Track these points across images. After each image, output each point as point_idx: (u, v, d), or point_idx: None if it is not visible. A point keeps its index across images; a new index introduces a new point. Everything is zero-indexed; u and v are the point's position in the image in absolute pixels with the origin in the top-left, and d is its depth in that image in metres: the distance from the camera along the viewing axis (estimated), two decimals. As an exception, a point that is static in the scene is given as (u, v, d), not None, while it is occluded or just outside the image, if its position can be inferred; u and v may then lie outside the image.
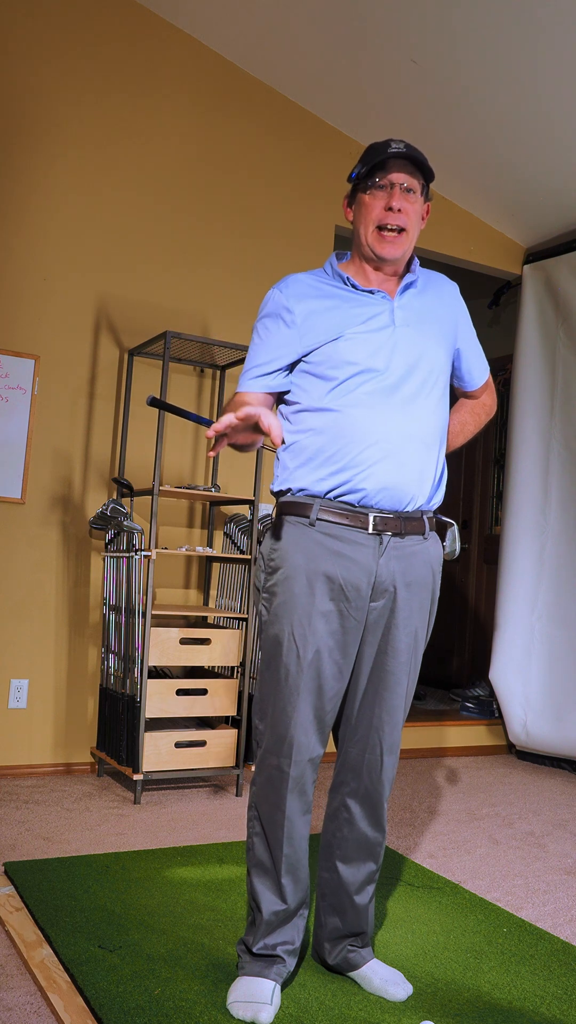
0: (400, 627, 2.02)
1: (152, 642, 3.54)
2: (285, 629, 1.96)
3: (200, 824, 3.30)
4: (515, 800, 4.00)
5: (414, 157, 1.94)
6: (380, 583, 1.98)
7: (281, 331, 2.00)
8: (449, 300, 2.12)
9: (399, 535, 1.98)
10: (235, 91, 4.35)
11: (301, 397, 2.02)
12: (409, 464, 1.96)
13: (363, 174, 1.97)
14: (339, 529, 1.96)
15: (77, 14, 4.00)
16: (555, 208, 4.68)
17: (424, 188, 2.01)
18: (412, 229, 1.99)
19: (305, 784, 1.99)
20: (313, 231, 4.48)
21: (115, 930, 2.28)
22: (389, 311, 2.00)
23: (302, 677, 1.95)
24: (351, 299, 2.01)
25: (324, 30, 3.88)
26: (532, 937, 2.46)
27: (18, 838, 3.01)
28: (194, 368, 4.23)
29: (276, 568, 2.00)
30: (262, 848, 2.01)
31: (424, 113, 4.21)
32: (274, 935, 2.00)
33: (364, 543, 1.96)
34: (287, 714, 1.96)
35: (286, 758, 1.96)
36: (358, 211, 2.01)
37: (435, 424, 2.01)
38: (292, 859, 2.00)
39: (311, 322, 1.98)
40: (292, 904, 2.01)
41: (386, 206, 1.95)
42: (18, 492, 3.82)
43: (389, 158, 1.94)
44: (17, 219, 3.88)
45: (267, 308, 2.03)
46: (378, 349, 1.96)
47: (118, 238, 4.08)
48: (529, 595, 4.77)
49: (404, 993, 2.05)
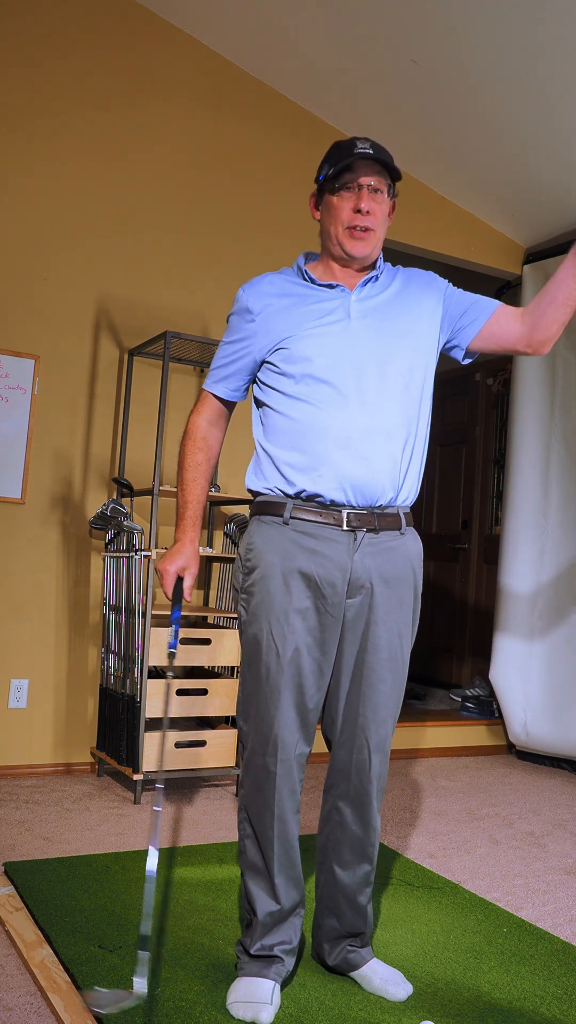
0: (380, 624, 2.01)
1: (152, 642, 3.54)
2: (264, 628, 1.97)
3: (200, 824, 3.30)
4: (515, 800, 4.00)
5: (380, 158, 1.95)
6: (356, 579, 1.98)
7: (242, 329, 2.06)
8: (421, 287, 2.09)
9: (373, 531, 1.99)
10: (235, 91, 4.35)
11: (267, 396, 2.05)
12: (373, 458, 1.95)
13: (330, 175, 1.98)
14: (312, 527, 1.97)
15: (76, 14, 4.00)
16: (555, 208, 4.69)
17: (390, 187, 2.02)
18: (380, 228, 2.01)
19: (293, 782, 1.99)
20: (313, 231, 4.43)
21: (115, 930, 2.28)
22: (344, 305, 2.01)
23: (283, 675, 1.95)
24: (309, 295, 2.03)
25: (324, 30, 3.88)
26: (532, 937, 2.46)
27: (18, 838, 3.01)
28: (194, 368, 4.23)
29: (252, 568, 2.01)
30: (254, 850, 2.01)
31: (424, 113, 4.22)
32: (271, 936, 2.00)
33: (338, 540, 1.96)
34: (270, 713, 1.96)
35: (272, 757, 1.97)
36: (326, 212, 2.04)
37: (399, 416, 1.99)
38: (284, 859, 2.00)
39: (269, 321, 2.02)
40: (287, 904, 2.01)
41: (354, 208, 1.97)
42: (18, 492, 3.82)
43: (356, 159, 1.94)
44: (17, 219, 3.88)
45: (233, 307, 2.10)
46: (331, 343, 1.97)
47: (118, 238, 4.08)
48: (529, 595, 4.77)
49: (404, 993, 2.05)
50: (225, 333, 2.11)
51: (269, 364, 2.03)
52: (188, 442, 2.13)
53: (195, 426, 2.13)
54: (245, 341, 2.05)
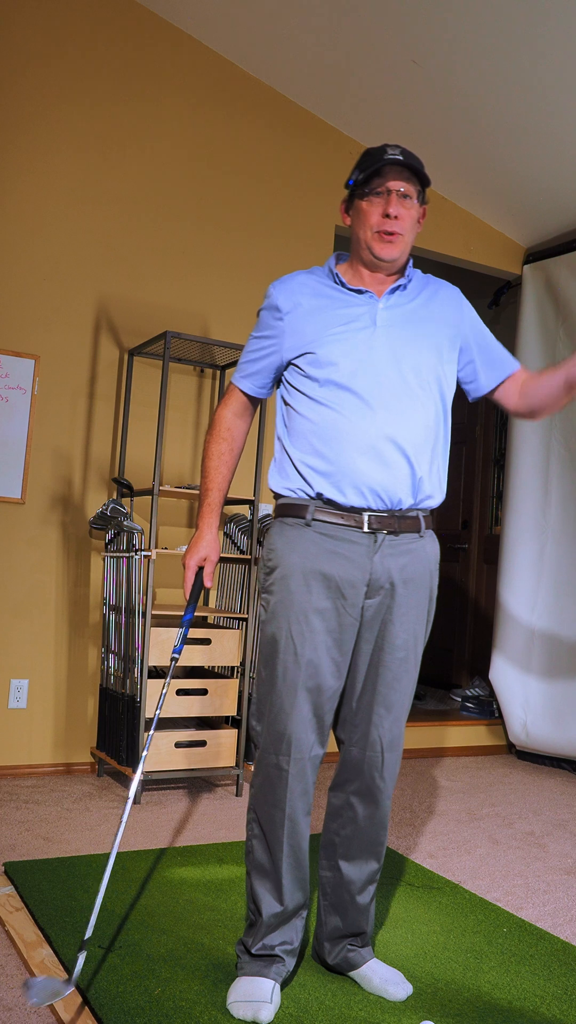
0: (397, 623, 2.03)
1: (152, 642, 3.54)
2: (283, 627, 1.98)
3: (200, 824, 3.30)
4: (515, 800, 4.00)
5: (410, 164, 1.96)
6: (376, 580, 1.99)
7: (270, 325, 2.08)
8: (447, 304, 2.12)
9: (394, 533, 2.00)
10: (235, 91, 4.35)
11: (292, 397, 2.08)
12: (394, 465, 1.98)
13: (360, 180, 2.00)
14: (334, 529, 1.99)
15: (76, 15, 4.00)
16: (555, 208, 4.69)
17: (420, 193, 2.03)
18: (408, 233, 2.02)
19: (307, 783, 1.99)
20: (313, 231, 4.48)
21: (115, 930, 2.28)
22: (371, 312, 2.02)
23: (300, 675, 1.96)
24: (338, 299, 2.04)
25: (324, 30, 3.88)
26: (532, 937, 2.46)
27: (18, 838, 3.01)
28: (194, 368, 4.23)
29: (273, 567, 2.03)
30: (261, 850, 2.01)
31: (424, 113, 4.22)
32: (273, 935, 2.00)
33: (359, 541, 1.98)
34: (285, 711, 1.97)
35: (285, 756, 1.97)
36: (356, 216, 2.05)
37: (419, 424, 2.01)
38: (292, 860, 2.00)
39: (296, 323, 2.03)
40: (291, 905, 2.01)
41: (383, 212, 1.99)
42: (18, 492, 3.83)
43: (385, 164, 1.96)
44: (17, 219, 3.88)
45: (264, 303, 2.11)
46: (355, 350, 1.99)
47: (118, 238, 4.08)
48: (529, 595, 4.77)
49: (404, 993, 2.05)
50: (255, 327, 2.14)
51: (295, 366, 2.06)
52: (212, 432, 2.17)
53: (220, 417, 2.17)
54: (272, 339, 2.08)
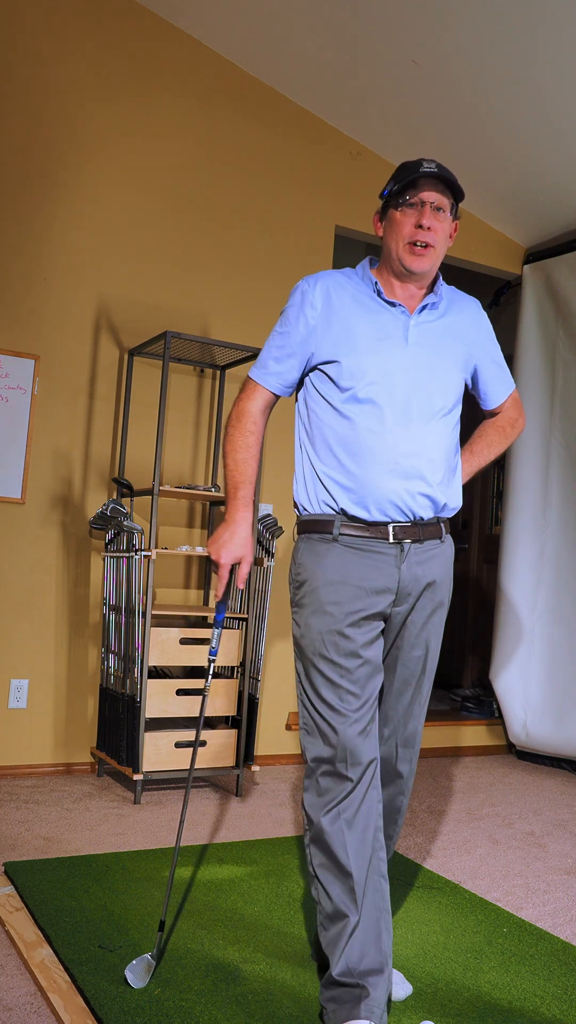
0: (419, 624, 2.06)
1: (152, 642, 3.54)
2: (317, 640, 1.98)
3: (200, 824, 3.30)
4: (515, 800, 4.00)
5: (445, 177, 1.98)
6: (404, 588, 2.02)
7: (300, 322, 2.04)
8: (470, 320, 2.13)
9: (418, 541, 2.03)
10: (235, 91, 4.35)
11: (314, 401, 2.07)
12: (416, 480, 1.99)
13: (395, 191, 2.01)
14: (361, 541, 2.00)
15: (77, 16, 4.00)
16: (555, 208, 4.69)
17: (453, 207, 2.04)
18: (440, 246, 2.02)
19: (377, 788, 1.96)
20: (313, 231, 4.48)
21: (115, 930, 2.28)
22: (404, 328, 2.03)
23: (343, 683, 1.96)
24: (373, 309, 2.03)
25: (324, 30, 3.88)
26: (532, 937, 2.46)
27: (18, 838, 3.01)
28: (194, 368, 4.23)
29: (302, 582, 2.03)
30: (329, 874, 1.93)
31: (424, 113, 4.22)
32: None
33: (386, 551, 2.00)
34: (335, 722, 1.94)
35: (342, 763, 1.93)
36: (389, 227, 2.05)
37: (443, 443, 2.04)
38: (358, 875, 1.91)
39: (331, 324, 2.02)
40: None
41: (416, 223, 1.99)
42: (18, 492, 3.82)
43: (420, 177, 1.97)
44: (17, 219, 3.88)
45: (293, 299, 2.07)
46: (384, 364, 1.99)
47: (118, 238, 4.08)
48: (529, 595, 4.77)
49: (404, 993, 2.05)
50: (279, 323, 2.08)
51: (322, 371, 2.04)
52: (239, 425, 2.09)
53: (245, 411, 2.10)
54: (302, 337, 2.04)
